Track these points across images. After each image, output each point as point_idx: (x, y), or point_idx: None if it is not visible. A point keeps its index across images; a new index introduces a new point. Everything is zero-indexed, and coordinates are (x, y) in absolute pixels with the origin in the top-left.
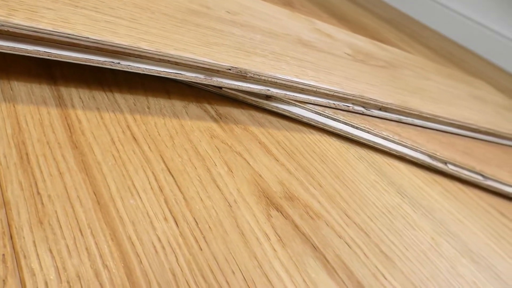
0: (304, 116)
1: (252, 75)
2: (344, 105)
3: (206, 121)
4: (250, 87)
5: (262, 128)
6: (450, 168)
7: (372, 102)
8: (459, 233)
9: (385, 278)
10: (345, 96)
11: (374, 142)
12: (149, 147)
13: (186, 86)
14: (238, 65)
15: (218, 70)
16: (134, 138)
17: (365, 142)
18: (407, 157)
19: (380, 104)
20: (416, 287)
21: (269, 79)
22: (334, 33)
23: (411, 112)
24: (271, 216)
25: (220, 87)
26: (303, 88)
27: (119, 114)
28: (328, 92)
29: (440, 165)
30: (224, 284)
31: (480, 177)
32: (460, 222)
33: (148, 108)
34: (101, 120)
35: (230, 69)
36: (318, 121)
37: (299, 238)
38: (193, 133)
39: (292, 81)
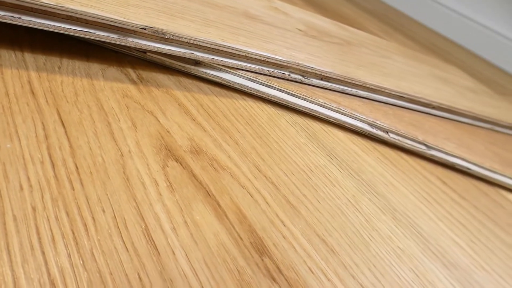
0: (235, 82)
1: (171, 36)
2: (279, 72)
3: (123, 83)
4: (172, 50)
5: (187, 92)
6: (391, 137)
7: (310, 70)
8: (386, 194)
9: (284, 225)
10: (280, 62)
11: (310, 109)
12: (47, 101)
13: (111, 52)
14: (154, 25)
15: (134, 31)
16: (32, 92)
17: (301, 109)
18: (346, 125)
19: (320, 73)
20: (319, 235)
21: (191, 41)
22: (293, 12)
23: (354, 82)
24: (167, 166)
25: (145, 52)
26: (232, 53)
27: (23, 71)
28: (259, 57)
29: (380, 133)
30: (89, 219)
31: (423, 147)
32: (391, 184)
33: (59, 68)
34: (0, 75)
35: (145, 29)
36: (251, 87)
37: (193, 186)
38: (103, 92)
39: (217, 44)
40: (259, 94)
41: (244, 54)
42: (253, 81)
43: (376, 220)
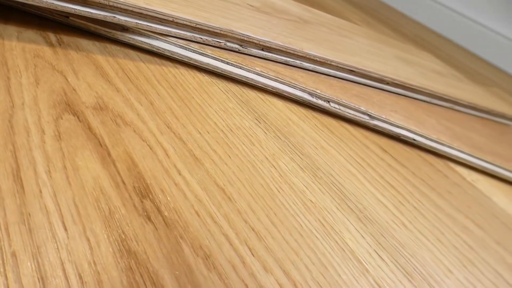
0: (165, 49)
1: None
2: (214, 40)
3: (39, 45)
4: (92, 13)
5: (111, 57)
6: (332, 106)
7: (247, 39)
8: (313, 155)
9: (179, 174)
10: (213, 29)
11: (246, 77)
12: None
13: (34, 16)
14: None
15: None
16: None
17: (236, 77)
18: (285, 94)
19: (258, 42)
20: (218, 184)
21: (111, 3)
22: None
23: (297, 53)
24: (62, 119)
25: (67, 16)
26: (160, 18)
27: None
28: (190, 23)
29: (321, 103)
30: None
31: (366, 117)
32: (322, 147)
33: None
34: None
35: None
36: (182, 55)
37: (85, 137)
38: (12, 51)
39: (140, 8)
40: (192, 62)
41: (172, 19)
42: (185, 48)
43: (292, 176)
